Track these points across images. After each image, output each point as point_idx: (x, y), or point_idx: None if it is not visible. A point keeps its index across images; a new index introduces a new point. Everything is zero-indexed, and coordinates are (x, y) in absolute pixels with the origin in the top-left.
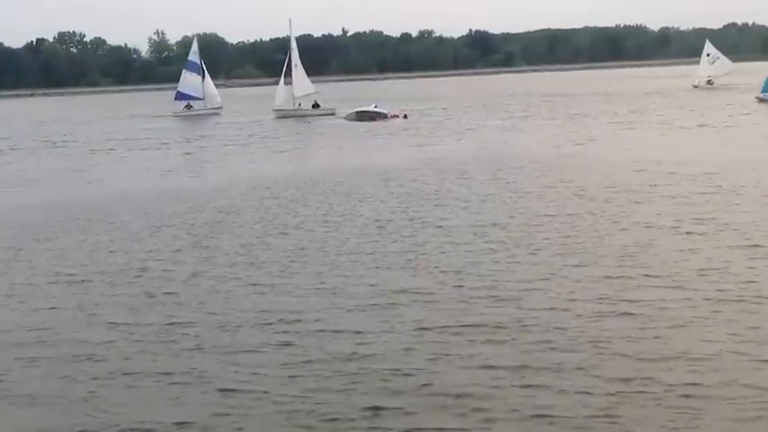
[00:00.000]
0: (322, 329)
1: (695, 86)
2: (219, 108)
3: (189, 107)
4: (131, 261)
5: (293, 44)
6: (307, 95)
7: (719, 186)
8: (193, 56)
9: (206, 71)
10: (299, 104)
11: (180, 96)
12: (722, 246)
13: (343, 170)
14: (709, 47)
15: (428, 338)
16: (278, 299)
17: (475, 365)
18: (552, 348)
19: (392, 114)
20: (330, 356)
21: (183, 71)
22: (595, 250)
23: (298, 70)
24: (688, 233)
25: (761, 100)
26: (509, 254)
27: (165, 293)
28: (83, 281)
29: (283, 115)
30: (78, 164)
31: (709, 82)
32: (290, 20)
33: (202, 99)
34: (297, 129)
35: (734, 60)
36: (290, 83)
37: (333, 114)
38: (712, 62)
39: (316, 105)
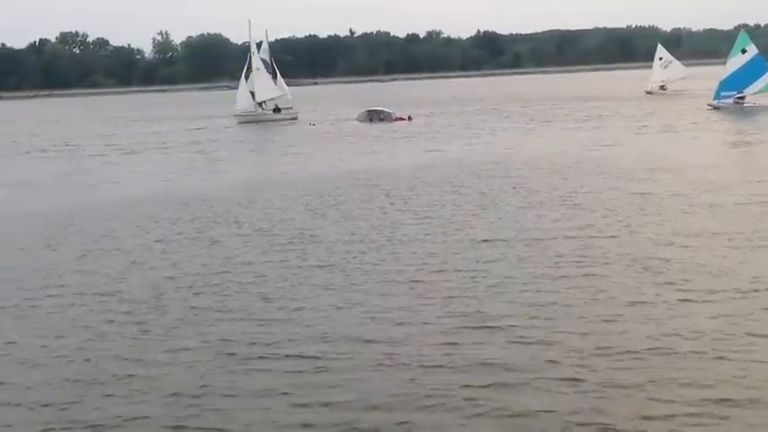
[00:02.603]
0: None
1: (648, 92)
2: (290, 108)
3: (261, 106)
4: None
5: (253, 47)
6: (271, 99)
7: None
8: (263, 53)
9: (276, 70)
10: (262, 109)
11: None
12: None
13: (353, 176)
14: (661, 50)
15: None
16: (257, 326)
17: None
18: (576, 390)
19: (397, 116)
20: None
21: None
22: (605, 264)
23: (260, 74)
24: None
25: (713, 107)
26: (523, 271)
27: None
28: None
29: (245, 120)
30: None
31: (662, 87)
32: (249, 21)
33: (272, 99)
34: (302, 132)
35: None
36: (252, 87)
37: (295, 119)
38: (665, 66)
39: (277, 110)
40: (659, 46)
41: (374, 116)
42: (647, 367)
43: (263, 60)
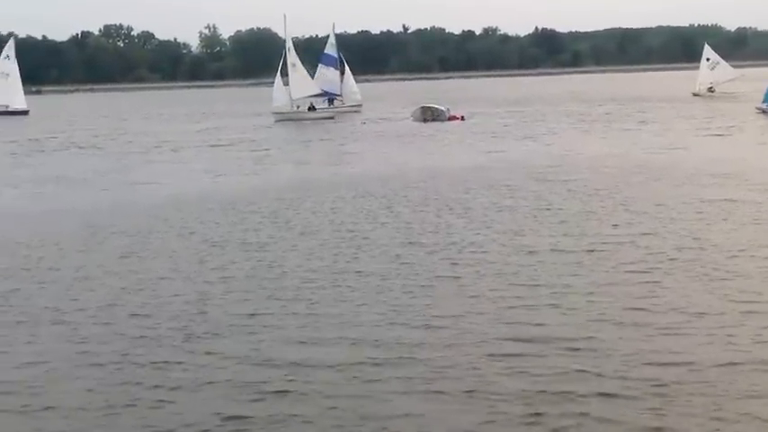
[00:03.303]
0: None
1: (695, 94)
2: (359, 105)
3: (331, 102)
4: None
5: (289, 43)
6: (307, 97)
7: None
8: (330, 49)
9: (346, 65)
10: (297, 107)
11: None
12: None
13: (405, 177)
14: (708, 51)
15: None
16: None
17: None
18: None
19: (450, 115)
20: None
21: (319, 66)
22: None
23: (296, 71)
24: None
25: (763, 111)
26: (583, 280)
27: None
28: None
29: (282, 119)
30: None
31: (710, 89)
32: (284, 15)
33: (340, 95)
34: (353, 130)
35: None
36: (288, 84)
37: (332, 118)
38: (712, 68)
39: (312, 108)
40: (706, 46)
41: (428, 114)
42: (712, 383)
43: (330, 56)
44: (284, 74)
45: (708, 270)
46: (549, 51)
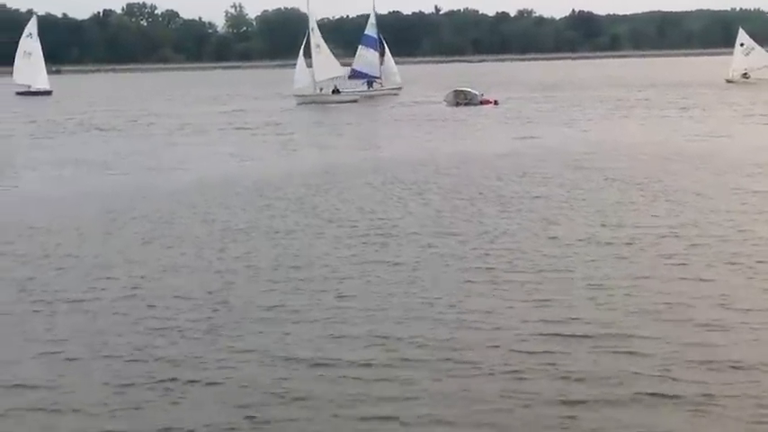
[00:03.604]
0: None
1: (729, 81)
2: (399, 88)
3: (370, 84)
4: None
5: (312, 23)
6: (332, 79)
7: None
8: (371, 30)
9: (386, 47)
10: (321, 89)
11: (355, 74)
12: None
13: (436, 163)
14: (742, 35)
15: None
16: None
17: None
18: None
19: (483, 99)
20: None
21: (359, 47)
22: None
23: (320, 52)
24: None
25: None
26: (620, 273)
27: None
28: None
29: (304, 101)
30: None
31: (744, 75)
32: None
33: (379, 78)
34: (382, 114)
35: None
36: (311, 65)
37: (355, 101)
38: (746, 53)
39: (336, 91)
40: (741, 31)
41: (461, 97)
42: (758, 383)
43: (370, 37)
44: (307, 55)
45: (752, 263)
46: (587, 34)
